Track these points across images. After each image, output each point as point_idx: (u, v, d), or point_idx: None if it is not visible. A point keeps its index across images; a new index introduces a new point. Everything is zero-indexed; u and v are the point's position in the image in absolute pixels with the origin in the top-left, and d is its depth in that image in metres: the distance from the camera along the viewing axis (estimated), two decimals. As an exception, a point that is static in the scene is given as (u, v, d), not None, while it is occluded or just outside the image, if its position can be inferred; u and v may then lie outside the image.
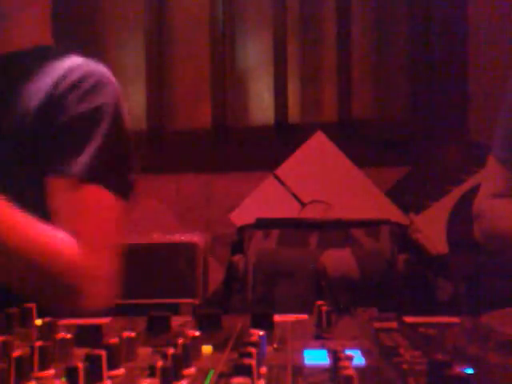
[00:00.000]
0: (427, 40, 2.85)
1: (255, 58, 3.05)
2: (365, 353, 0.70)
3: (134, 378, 0.63)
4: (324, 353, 0.70)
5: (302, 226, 2.36)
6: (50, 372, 0.64)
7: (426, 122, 2.84)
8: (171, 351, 0.60)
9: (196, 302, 2.45)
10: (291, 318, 0.91)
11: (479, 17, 2.77)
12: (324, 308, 0.83)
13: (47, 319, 0.80)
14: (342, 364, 0.58)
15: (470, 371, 0.61)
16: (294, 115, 2.98)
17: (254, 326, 0.80)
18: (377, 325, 0.83)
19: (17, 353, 0.60)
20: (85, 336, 0.75)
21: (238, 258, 2.32)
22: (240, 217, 2.47)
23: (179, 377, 0.59)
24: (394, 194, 2.58)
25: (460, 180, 2.49)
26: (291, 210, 2.51)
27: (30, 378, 0.61)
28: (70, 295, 1.19)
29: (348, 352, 0.62)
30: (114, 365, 0.63)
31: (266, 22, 2.98)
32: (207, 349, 0.72)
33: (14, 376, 0.59)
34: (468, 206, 1.93)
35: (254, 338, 0.65)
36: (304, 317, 0.92)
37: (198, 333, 0.69)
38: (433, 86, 2.84)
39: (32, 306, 0.88)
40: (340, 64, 2.93)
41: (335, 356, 0.61)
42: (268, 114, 2.98)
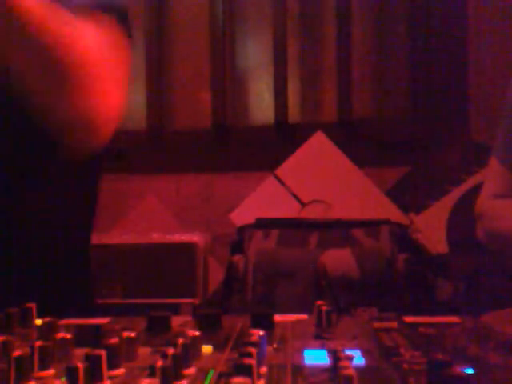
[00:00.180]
0: (427, 40, 2.85)
1: (255, 58, 3.06)
2: (365, 353, 0.70)
3: (134, 377, 0.63)
4: (324, 353, 0.70)
5: (302, 226, 2.36)
6: (50, 372, 0.64)
7: (426, 122, 2.84)
8: (171, 351, 0.60)
9: (196, 302, 2.45)
10: (291, 317, 0.91)
11: (479, 17, 2.77)
12: (324, 308, 0.83)
13: (47, 319, 0.80)
14: (342, 364, 0.58)
15: (469, 371, 0.61)
16: (294, 115, 2.99)
17: (254, 325, 0.80)
18: (377, 325, 0.83)
19: (17, 353, 0.60)
20: (85, 336, 0.75)
21: (237, 258, 2.32)
22: (240, 217, 2.47)
23: (179, 377, 0.59)
24: (394, 193, 2.58)
25: (460, 180, 2.49)
26: (291, 209, 2.51)
27: (30, 378, 0.61)
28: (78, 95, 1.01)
29: (348, 352, 0.62)
30: (114, 365, 0.63)
31: (265, 22, 2.98)
32: (207, 349, 0.72)
33: (14, 376, 0.59)
34: (468, 206, 1.93)
35: (254, 338, 0.65)
36: (304, 317, 0.92)
37: (197, 333, 0.69)
38: (433, 86, 2.84)
39: (32, 305, 0.88)
40: (340, 64, 2.93)
41: (335, 356, 0.61)
42: (268, 114, 2.98)
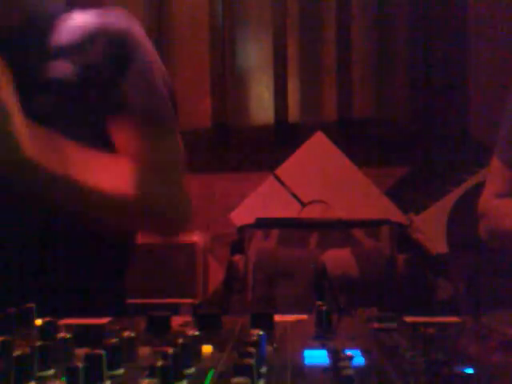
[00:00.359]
0: (427, 40, 2.85)
1: (255, 59, 3.06)
2: (365, 353, 0.70)
3: (134, 377, 0.63)
4: (324, 353, 0.70)
5: (302, 226, 2.36)
6: (50, 372, 0.64)
7: (426, 122, 2.84)
8: (171, 351, 0.60)
9: (196, 302, 2.45)
10: (291, 318, 0.91)
11: (479, 17, 2.77)
12: (324, 308, 0.83)
13: (47, 319, 0.80)
14: (342, 364, 0.58)
15: (470, 371, 0.61)
16: (293, 115, 2.99)
17: (254, 326, 0.80)
18: (377, 325, 0.83)
19: (17, 353, 0.60)
20: (85, 336, 0.75)
21: (237, 257, 2.32)
22: (240, 217, 2.47)
23: (179, 377, 0.59)
24: (394, 194, 2.58)
25: (460, 180, 2.49)
26: (291, 209, 2.51)
27: (30, 378, 0.61)
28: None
29: (348, 352, 0.62)
30: (114, 365, 0.63)
31: (265, 23, 2.98)
32: (207, 349, 0.72)
33: (14, 376, 0.59)
34: (468, 206, 1.93)
35: (254, 338, 0.65)
36: (304, 317, 0.92)
37: (197, 333, 0.69)
38: (433, 86, 2.84)
39: (32, 305, 0.88)
40: (340, 64, 2.93)
41: (335, 356, 0.61)
42: (268, 114, 2.98)
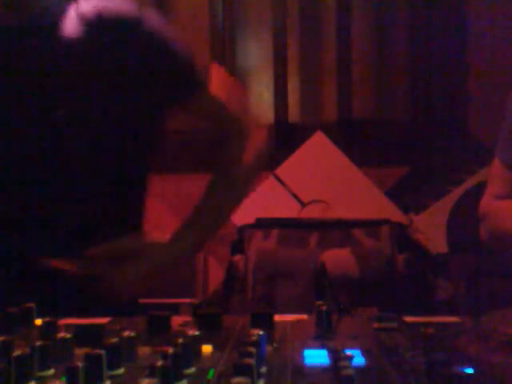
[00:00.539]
0: (427, 40, 2.85)
1: (255, 59, 3.05)
2: (365, 353, 0.70)
3: (134, 377, 0.63)
4: (324, 353, 0.70)
5: (302, 226, 2.36)
6: (50, 372, 0.64)
7: (426, 122, 2.84)
8: (171, 351, 0.60)
9: (196, 302, 2.45)
10: (291, 317, 0.91)
11: (479, 17, 2.77)
12: (324, 308, 0.83)
13: (47, 319, 0.80)
14: (341, 364, 0.58)
15: (470, 371, 0.61)
16: (294, 115, 2.98)
17: (254, 325, 0.80)
18: (377, 325, 0.83)
19: (17, 352, 0.60)
20: (85, 336, 0.75)
21: (238, 257, 2.32)
22: (240, 217, 2.46)
23: (179, 376, 0.59)
24: (394, 193, 2.58)
25: (460, 180, 2.49)
26: (291, 209, 2.51)
27: (30, 378, 0.61)
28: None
29: (348, 352, 0.62)
30: (114, 365, 0.63)
31: (265, 23, 2.98)
32: (207, 349, 0.72)
33: (14, 376, 0.59)
34: (468, 206, 1.93)
35: (254, 338, 0.65)
36: (304, 317, 0.92)
37: (197, 333, 0.69)
38: (433, 86, 2.84)
39: (32, 305, 0.88)
40: (340, 64, 2.93)
41: (335, 356, 0.61)
42: (268, 114, 2.98)
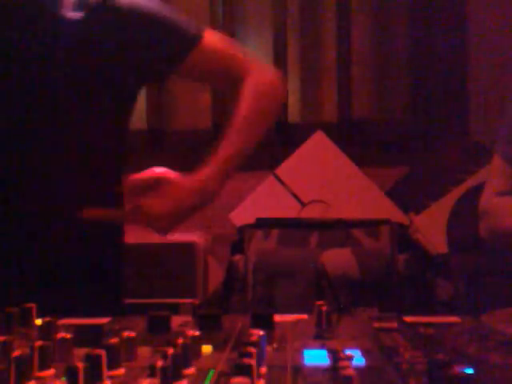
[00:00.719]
0: (427, 40, 2.85)
1: (255, 58, 3.05)
2: (365, 353, 0.70)
3: (134, 377, 0.63)
4: (324, 353, 0.70)
5: (302, 226, 2.36)
6: (50, 372, 0.64)
7: (426, 122, 2.84)
8: (171, 351, 0.60)
9: (196, 302, 2.45)
10: (291, 317, 0.91)
11: (479, 16, 2.77)
12: (324, 308, 0.83)
13: (47, 319, 0.80)
14: (342, 364, 0.58)
15: (470, 371, 0.61)
16: (293, 115, 2.98)
17: (254, 325, 0.80)
18: (377, 325, 0.83)
19: (17, 353, 0.60)
20: (85, 336, 0.75)
21: (238, 257, 2.32)
22: (240, 217, 2.46)
23: (179, 377, 0.59)
24: (394, 194, 2.58)
25: (460, 180, 2.48)
26: (291, 209, 2.51)
27: (30, 378, 0.61)
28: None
29: (348, 352, 0.62)
30: (114, 365, 0.63)
31: (266, 22, 2.98)
32: (207, 349, 0.72)
33: (14, 376, 0.59)
34: (468, 206, 1.93)
35: (254, 338, 0.65)
36: (304, 317, 0.92)
37: (198, 333, 0.69)
38: (433, 86, 2.84)
39: (32, 305, 0.88)
40: (340, 64, 2.93)
41: (335, 356, 0.61)
42: (268, 114, 2.98)
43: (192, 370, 0.63)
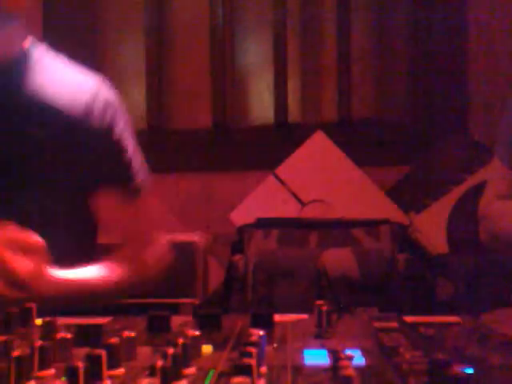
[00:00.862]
0: (427, 40, 2.85)
1: (255, 58, 3.05)
2: (365, 353, 0.70)
3: (134, 377, 0.63)
4: (324, 353, 0.70)
5: (302, 226, 2.36)
6: (50, 372, 0.64)
7: (426, 122, 2.83)
8: (171, 351, 0.60)
9: (196, 302, 2.45)
10: (291, 317, 0.91)
11: (480, 17, 2.77)
12: (324, 308, 0.83)
13: (47, 319, 0.80)
14: (341, 364, 0.58)
15: (469, 371, 0.61)
16: (293, 115, 2.98)
17: (254, 325, 0.80)
18: (377, 325, 0.83)
19: (17, 353, 0.60)
20: (85, 336, 0.75)
21: (238, 257, 2.32)
22: (240, 217, 2.46)
23: (179, 377, 0.59)
24: (394, 193, 2.58)
25: (460, 180, 2.48)
26: (291, 209, 2.51)
27: (30, 378, 0.61)
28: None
29: (348, 352, 0.62)
30: (113, 365, 0.63)
31: (265, 22, 2.98)
32: (207, 349, 0.72)
33: (14, 376, 0.59)
34: (468, 205, 1.93)
35: (254, 338, 0.65)
36: (304, 317, 0.92)
37: (197, 333, 0.69)
38: (433, 86, 2.84)
39: (32, 305, 0.88)
40: (340, 64, 2.93)
41: (335, 356, 0.61)
42: (268, 114, 2.98)
43: (192, 369, 0.63)
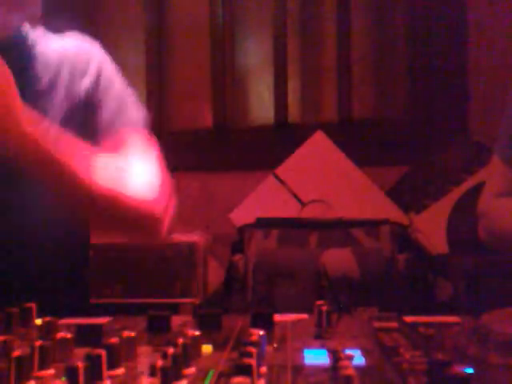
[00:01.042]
0: (427, 40, 2.85)
1: (255, 58, 3.05)
2: (365, 353, 0.70)
3: (134, 377, 0.63)
4: (324, 353, 0.70)
5: (301, 226, 2.36)
6: (50, 372, 0.64)
7: (426, 122, 2.83)
8: (171, 351, 0.60)
9: (196, 302, 2.45)
10: (291, 317, 0.91)
11: (479, 17, 2.77)
12: (324, 308, 0.83)
13: (47, 319, 0.80)
14: (341, 364, 0.58)
15: (469, 371, 0.61)
16: (293, 115, 2.98)
17: (254, 325, 0.80)
18: (377, 325, 0.83)
19: (17, 353, 0.60)
20: (85, 336, 0.75)
21: (238, 257, 2.32)
22: (240, 217, 2.46)
23: (179, 377, 0.59)
24: (394, 193, 2.58)
25: (460, 180, 2.48)
26: (291, 209, 2.51)
27: (30, 378, 0.61)
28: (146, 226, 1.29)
29: (348, 352, 0.62)
30: (113, 365, 0.63)
31: (266, 22, 2.98)
32: (207, 349, 0.72)
33: (14, 376, 0.59)
34: (468, 205, 1.93)
35: (254, 338, 0.65)
36: (304, 317, 0.92)
37: (197, 333, 0.69)
38: (433, 86, 2.84)
39: (32, 305, 0.88)
40: (340, 64, 2.93)
41: (335, 356, 0.61)
42: (268, 114, 2.98)
43: (192, 369, 0.63)
